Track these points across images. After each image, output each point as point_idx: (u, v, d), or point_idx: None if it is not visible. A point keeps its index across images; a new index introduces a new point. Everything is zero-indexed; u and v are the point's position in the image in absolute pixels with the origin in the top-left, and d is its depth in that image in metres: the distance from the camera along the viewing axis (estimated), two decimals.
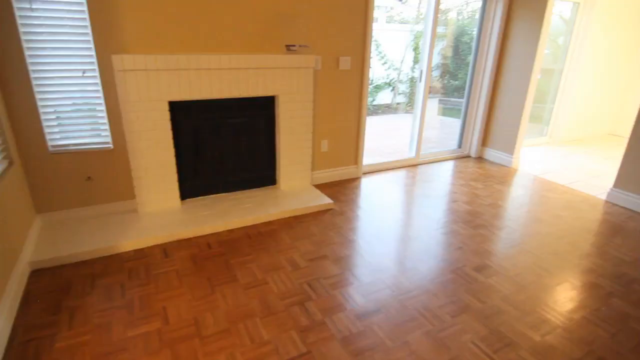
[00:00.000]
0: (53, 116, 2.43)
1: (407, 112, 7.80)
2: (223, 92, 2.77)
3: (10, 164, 2.25)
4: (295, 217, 2.90)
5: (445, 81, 6.84)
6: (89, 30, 2.35)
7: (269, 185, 3.31)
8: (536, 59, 3.82)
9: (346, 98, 3.44)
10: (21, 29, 2.20)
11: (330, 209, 3.06)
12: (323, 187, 3.48)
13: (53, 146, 2.48)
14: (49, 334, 1.74)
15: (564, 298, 2.10)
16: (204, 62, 2.63)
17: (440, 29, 3.97)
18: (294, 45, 2.98)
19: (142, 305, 1.92)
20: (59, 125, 2.46)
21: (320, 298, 2.03)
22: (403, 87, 7.91)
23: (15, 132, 2.36)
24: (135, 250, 2.40)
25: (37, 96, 2.35)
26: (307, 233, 2.68)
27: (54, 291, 2.01)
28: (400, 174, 3.96)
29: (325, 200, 3.08)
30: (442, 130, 6.22)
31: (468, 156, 4.63)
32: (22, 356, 1.61)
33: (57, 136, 2.48)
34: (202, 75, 2.67)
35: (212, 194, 3.09)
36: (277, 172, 3.27)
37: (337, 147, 3.57)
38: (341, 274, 2.24)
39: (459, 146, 4.66)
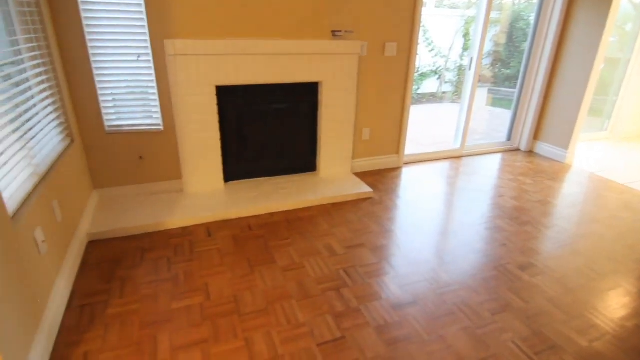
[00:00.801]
0: (110, 98, 2.58)
1: (453, 101, 7.52)
2: (268, 77, 2.80)
3: (72, 142, 2.42)
4: (334, 204, 2.91)
5: (497, 70, 6.50)
6: (144, 16, 2.45)
7: (309, 171, 3.34)
8: (600, 47, 3.53)
9: (390, 86, 3.37)
10: (83, 14, 2.34)
11: (369, 198, 3.04)
12: (363, 176, 3.46)
13: (109, 127, 2.64)
14: (102, 300, 1.87)
15: (617, 304, 1.96)
16: (251, 47, 2.66)
17: (493, 14, 3.76)
18: (339, 31, 2.95)
19: (186, 280, 2.02)
20: (114, 107, 2.61)
21: (356, 285, 2.03)
22: (450, 76, 7.61)
23: (76, 113, 2.53)
24: (181, 228, 2.52)
25: (96, 79, 2.50)
26: (345, 220, 2.69)
27: (108, 261, 2.16)
28: (444, 165, 3.85)
29: (365, 189, 3.06)
30: (491, 122, 5.95)
31: (517, 149, 4.40)
32: (78, 318, 1.76)
33: (113, 117, 2.63)
34: (249, 60, 2.71)
35: (254, 177, 3.17)
36: (318, 158, 3.28)
37: (379, 135, 3.52)
38: (378, 263, 2.23)
39: (508, 139, 4.43)
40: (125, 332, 1.68)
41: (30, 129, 1.85)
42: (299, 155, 3.25)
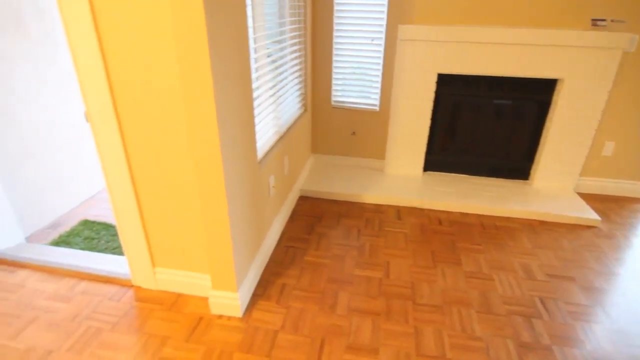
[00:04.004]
0: (340, 76, 2.89)
1: None
2: (495, 68, 2.58)
3: (305, 111, 2.85)
4: (543, 222, 2.51)
5: None
6: (385, 2, 2.60)
7: (519, 178, 2.96)
8: None
9: None
10: (336, 0, 2.65)
11: (593, 227, 2.48)
12: (589, 198, 2.84)
13: (335, 101, 2.98)
14: (302, 247, 2.20)
15: None
16: (483, 35, 2.48)
17: None
18: (603, 20, 2.41)
19: (371, 253, 2.15)
20: (342, 84, 2.92)
21: (553, 321, 1.73)
22: None
23: (313, 86, 2.95)
24: (375, 205, 2.67)
25: (334, 59, 2.83)
26: (554, 244, 2.29)
27: (311, 216, 2.50)
28: None
29: (590, 214, 2.51)
30: None
31: None
32: (283, 256, 2.12)
33: (339, 94, 2.95)
34: (476, 49, 2.54)
35: (454, 172, 3.03)
36: (534, 166, 2.87)
37: (626, 153, 2.78)
38: (589, 306, 1.83)
39: None
40: (315, 280, 1.94)
41: (281, 96, 2.27)
42: (511, 159, 2.91)
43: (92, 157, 2.72)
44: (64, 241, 2.22)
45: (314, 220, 2.46)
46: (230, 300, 1.69)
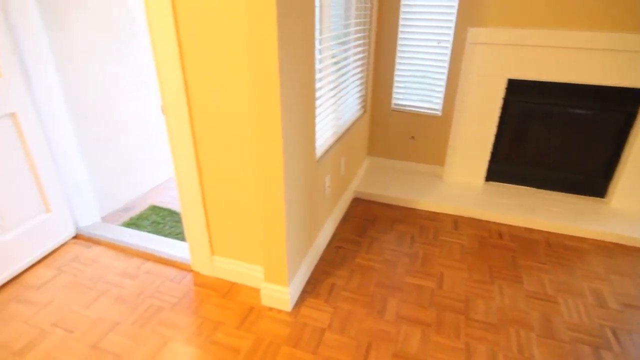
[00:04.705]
0: (402, 79, 2.84)
1: None
2: (574, 75, 2.38)
3: (364, 112, 2.84)
4: (621, 246, 2.28)
5: None
6: (455, 4, 2.51)
7: (593, 195, 2.71)
8: None
9: None
10: (402, 2, 2.61)
11: None
12: None
13: (395, 104, 2.93)
14: (353, 249, 2.19)
15: None
16: (563, 39, 2.31)
17: None
18: None
19: (424, 261, 2.09)
20: (404, 87, 2.86)
21: (625, 356, 1.56)
22: None
23: (374, 88, 2.93)
24: (431, 212, 2.59)
25: (397, 61, 2.79)
26: (632, 271, 2.07)
27: (364, 219, 2.49)
28: None
29: None
30: None
31: None
32: (334, 256, 2.12)
33: (400, 96, 2.90)
34: (554, 54, 2.37)
35: (519, 184, 2.85)
36: (613, 183, 2.61)
37: None
38: None
39: None
40: (364, 283, 1.92)
41: (341, 97, 2.28)
42: (585, 174, 2.67)
43: (163, 148, 2.92)
44: (133, 223, 2.40)
45: (366, 223, 2.44)
46: (280, 294, 1.73)
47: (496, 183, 2.89)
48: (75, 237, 2.25)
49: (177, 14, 1.43)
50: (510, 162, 2.81)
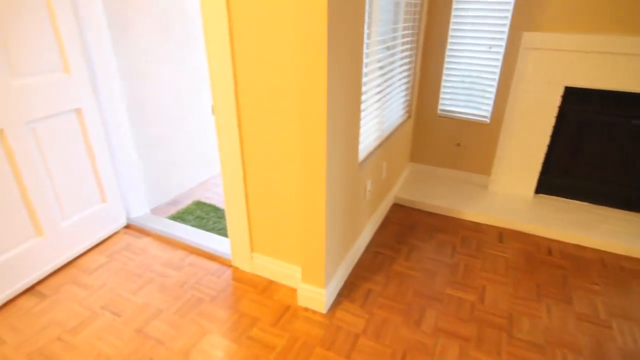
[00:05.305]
0: (450, 84, 2.77)
1: None
2: (635, 84, 2.20)
3: (408, 117, 2.79)
4: None
5: None
6: (509, 7, 2.41)
7: None
8: None
9: None
10: (454, 5, 2.54)
11: None
12: None
13: (441, 110, 2.86)
14: (391, 255, 2.16)
15: None
16: (630, 45, 2.15)
17: None
18: None
19: (465, 274, 2.02)
20: (451, 93, 2.78)
21: None
22: None
23: (419, 93, 2.87)
24: (474, 223, 2.49)
25: (445, 66, 2.72)
26: None
27: (403, 226, 2.44)
28: None
29: None
30: None
31: None
32: (371, 261, 2.10)
33: (447, 102, 2.83)
34: (617, 61, 2.20)
35: (573, 198, 2.68)
36: None
37: None
38: None
39: None
40: (401, 291, 1.89)
41: (386, 101, 2.26)
42: None
43: (210, 146, 3.04)
44: (179, 217, 2.52)
45: (405, 230, 2.40)
46: (317, 295, 1.74)
47: (547, 196, 2.73)
48: (127, 227, 2.39)
49: (231, 20, 1.49)
50: (563, 175, 2.65)
